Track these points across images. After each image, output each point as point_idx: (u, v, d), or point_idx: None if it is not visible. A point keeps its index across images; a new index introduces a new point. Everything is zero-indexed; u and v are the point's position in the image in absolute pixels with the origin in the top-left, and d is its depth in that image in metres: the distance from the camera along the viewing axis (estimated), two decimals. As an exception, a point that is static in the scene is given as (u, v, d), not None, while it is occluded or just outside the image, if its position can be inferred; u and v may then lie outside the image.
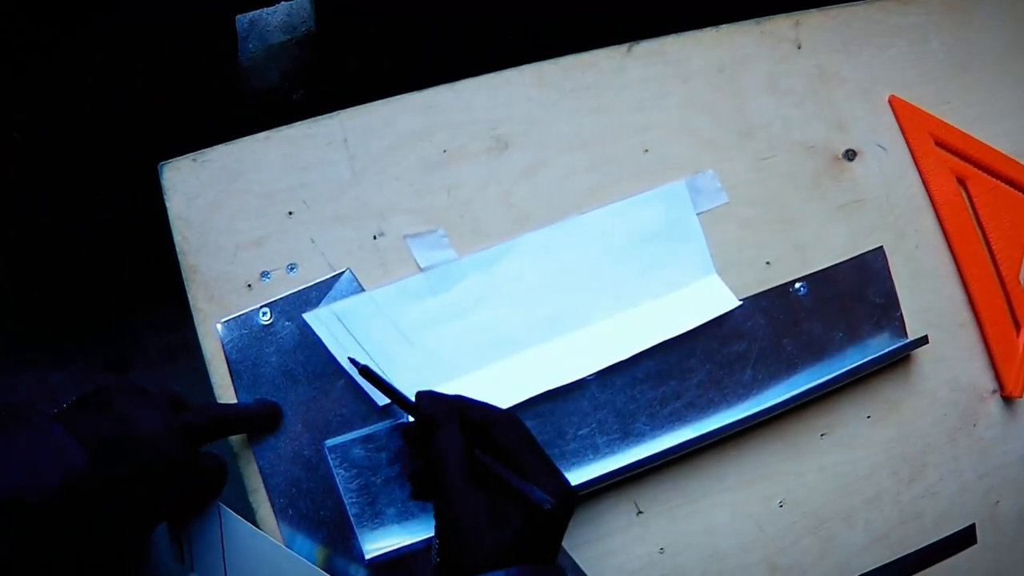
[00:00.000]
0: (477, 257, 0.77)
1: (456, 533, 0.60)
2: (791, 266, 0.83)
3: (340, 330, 0.75)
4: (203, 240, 0.75)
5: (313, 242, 0.76)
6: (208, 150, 0.76)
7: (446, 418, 0.64)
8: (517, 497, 0.61)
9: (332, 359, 0.74)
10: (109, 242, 1.27)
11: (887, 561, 0.85)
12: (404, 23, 1.22)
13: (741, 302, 0.80)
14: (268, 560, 0.70)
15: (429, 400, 0.66)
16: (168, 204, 0.74)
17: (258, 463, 0.73)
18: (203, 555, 0.69)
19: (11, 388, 1.53)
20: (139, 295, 1.39)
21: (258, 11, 1.20)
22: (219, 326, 0.74)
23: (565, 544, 0.77)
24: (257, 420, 0.72)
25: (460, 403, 0.66)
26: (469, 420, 0.64)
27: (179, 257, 0.75)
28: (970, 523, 0.87)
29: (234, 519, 0.69)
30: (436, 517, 0.62)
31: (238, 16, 1.20)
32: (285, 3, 1.19)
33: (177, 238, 0.75)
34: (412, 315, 0.76)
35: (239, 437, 0.73)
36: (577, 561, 0.77)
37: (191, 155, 0.75)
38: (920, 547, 0.85)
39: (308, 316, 0.75)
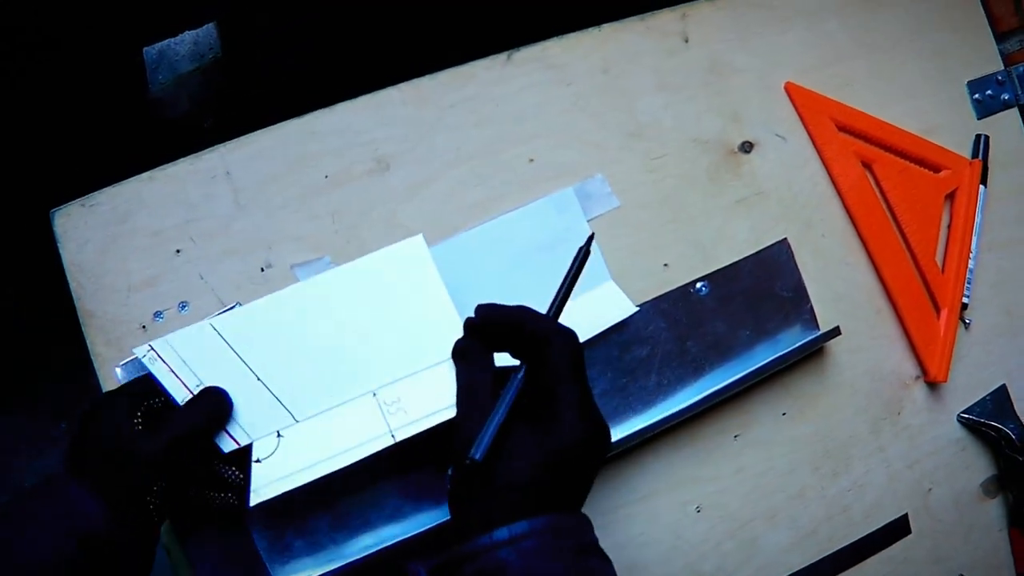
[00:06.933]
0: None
1: (460, 463, 0.59)
2: (690, 266, 0.85)
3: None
4: (97, 284, 0.77)
5: (202, 278, 0.78)
6: (96, 193, 0.78)
7: (475, 341, 0.67)
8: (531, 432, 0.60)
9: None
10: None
11: (818, 558, 0.86)
12: (306, 45, 1.25)
13: (638, 308, 0.81)
14: None
15: (480, 316, 0.68)
16: (62, 251, 0.77)
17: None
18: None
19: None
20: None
21: (165, 41, 1.23)
22: (118, 370, 0.76)
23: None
24: (215, 415, 0.71)
25: (522, 315, 0.65)
26: (527, 334, 0.63)
27: (75, 303, 0.77)
28: (903, 513, 0.89)
29: None
30: (453, 450, 0.62)
31: (145, 48, 1.23)
32: (191, 32, 1.23)
33: (72, 284, 0.77)
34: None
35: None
36: (494, 581, 0.79)
37: (80, 200, 0.77)
38: (851, 541, 0.87)
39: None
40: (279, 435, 0.71)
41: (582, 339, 0.75)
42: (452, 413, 0.69)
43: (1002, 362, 0.94)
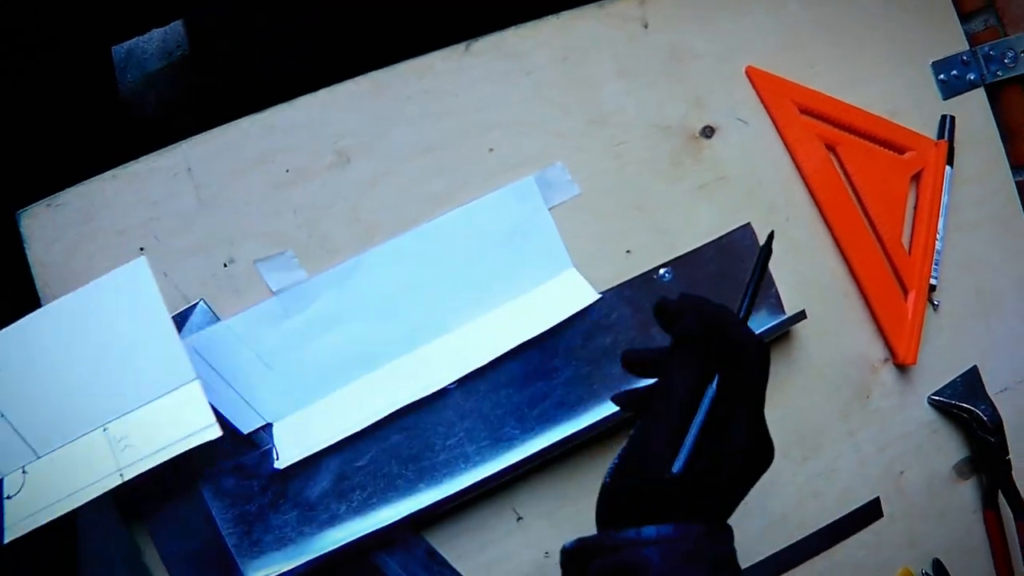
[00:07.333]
0: (328, 275, 0.81)
1: (640, 457, 0.58)
2: (654, 253, 0.86)
3: (199, 363, 0.79)
4: (64, 284, 0.78)
5: (166, 275, 0.79)
6: (61, 193, 0.79)
7: (708, 346, 0.60)
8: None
9: (196, 392, 0.78)
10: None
11: (790, 543, 0.87)
12: (275, 39, 1.28)
13: (601, 295, 0.83)
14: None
15: (689, 309, 0.63)
16: (28, 251, 0.78)
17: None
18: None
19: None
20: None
21: (133, 40, 1.26)
22: (86, 368, 0.78)
23: (448, 557, 0.81)
24: None
25: (726, 318, 0.62)
26: (729, 338, 0.60)
27: (42, 303, 0.78)
28: (874, 496, 0.90)
29: None
30: (632, 434, 0.60)
31: (114, 47, 1.26)
32: (159, 30, 1.25)
33: (39, 284, 0.78)
34: (269, 340, 0.80)
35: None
36: (463, 573, 0.81)
37: (45, 200, 0.79)
38: (823, 525, 0.88)
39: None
40: (24, 471, 0.72)
41: (543, 328, 0.78)
42: (179, 449, 0.70)
43: (972, 343, 0.95)
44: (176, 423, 0.71)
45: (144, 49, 1.28)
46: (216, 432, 0.71)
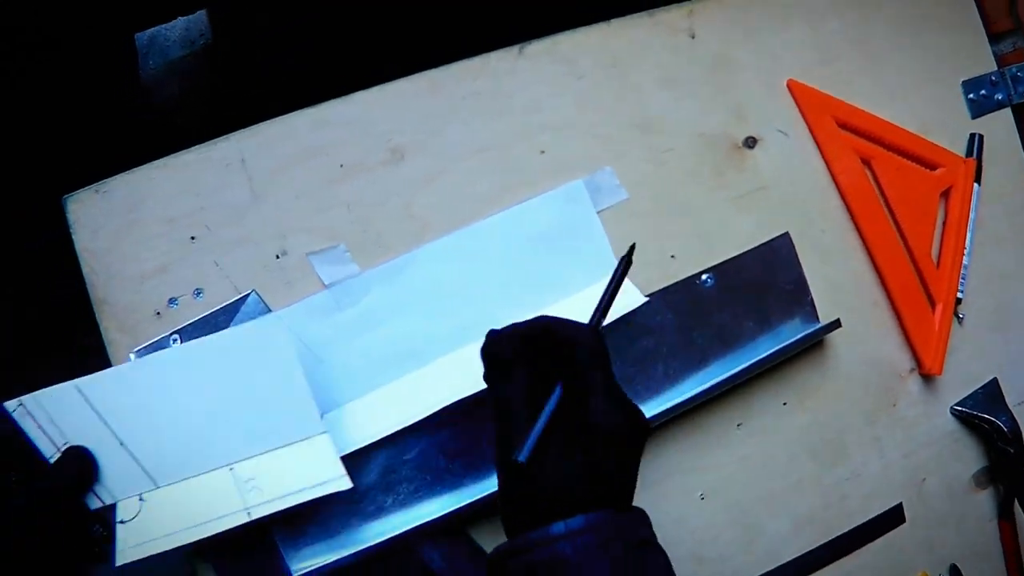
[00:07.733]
0: (380, 270, 0.83)
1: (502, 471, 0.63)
2: (696, 258, 0.89)
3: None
4: (110, 271, 0.80)
5: (217, 265, 0.81)
6: (109, 180, 0.80)
7: (510, 359, 0.66)
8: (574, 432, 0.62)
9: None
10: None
11: (816, 546, 0.92)
12: (299, 31, 1.31)
13: (647, 299, 0.86)
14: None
15: (497, 338, 0.68)
16: (75, 237, 0.79)
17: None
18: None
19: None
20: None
21: (157, 27, 1.27)
22: (132, 356, 0.79)
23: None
24: (79, 476, 0.74)
25: (545, 324, 0.67)
26: (554, 338, 0.66)
27: (89, 290, 0.80)
28: (897, 502, 0.94)
29: None
30: (497, 459, 0.65)
31: (137, 34, 1.28)
32: (182, 18, 1.27)
33: (85, 270, 0.80)
34: (321, 332, 0.82)
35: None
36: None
37: (93, 186, 0.80)
38: (848, 529, 0.92)
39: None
40: (141, 499, 0.75)
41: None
42: (309, 495, 0.74)
43: (993, 356, 0.99)
44: (305, 471, 0.75)
45: (167, 36, 1.30)
46: (347, 483, 0.75)
